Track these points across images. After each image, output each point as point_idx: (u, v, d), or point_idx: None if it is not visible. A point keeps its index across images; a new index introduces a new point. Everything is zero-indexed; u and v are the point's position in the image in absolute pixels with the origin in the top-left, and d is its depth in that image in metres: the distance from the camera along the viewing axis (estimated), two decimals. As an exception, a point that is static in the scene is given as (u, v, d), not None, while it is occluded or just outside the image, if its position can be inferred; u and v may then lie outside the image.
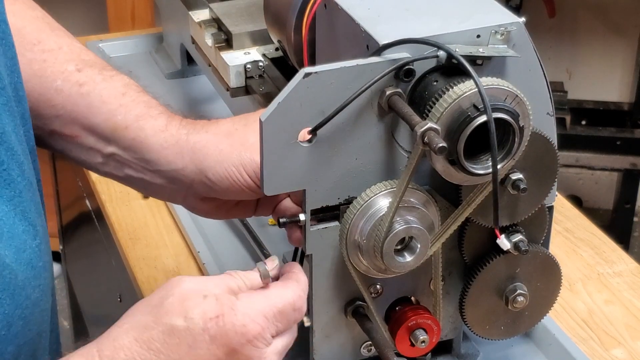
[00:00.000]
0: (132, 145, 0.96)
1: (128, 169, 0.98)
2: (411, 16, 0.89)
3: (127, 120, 0.96)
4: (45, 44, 0.98)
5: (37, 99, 0.96)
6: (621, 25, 2.82)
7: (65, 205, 1.88)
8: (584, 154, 2.65)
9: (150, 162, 0.96)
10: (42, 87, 0.96)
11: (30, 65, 0.96)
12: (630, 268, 1.25)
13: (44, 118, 0.97)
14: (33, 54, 0.97)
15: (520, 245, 0.93)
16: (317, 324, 0.94)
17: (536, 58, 0.89)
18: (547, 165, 0.92)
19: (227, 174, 0.93)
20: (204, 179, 0.94)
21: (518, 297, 0.96)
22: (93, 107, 0.96)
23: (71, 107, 0.96)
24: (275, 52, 1.28)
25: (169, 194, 0.99)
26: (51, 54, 0.97)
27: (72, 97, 0.96)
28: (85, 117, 0.96)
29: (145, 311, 0.76)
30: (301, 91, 0.82)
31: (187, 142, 0.95)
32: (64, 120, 0.97)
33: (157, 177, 0.97)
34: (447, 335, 1.00)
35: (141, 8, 2.35)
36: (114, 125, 0.96)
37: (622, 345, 1.12)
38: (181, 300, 0.75)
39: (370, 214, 0.87)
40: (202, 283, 0.78)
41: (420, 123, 0.80)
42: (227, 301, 0.76)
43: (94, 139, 0.97)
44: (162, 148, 0.95)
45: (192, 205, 0.99)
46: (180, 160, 0.95)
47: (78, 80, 0.97)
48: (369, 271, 0.90)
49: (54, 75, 0.97)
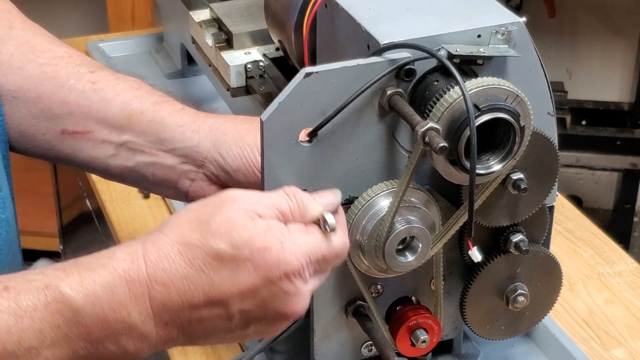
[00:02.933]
0: (148, 127, 0.98)
1: (140, 155, 0.99)
2: (412, 16, 0.89)
3: (144, 106, 0.98)
4: (56, 52, 1.01)
5: (49, 99, 0.98)
6: (621, 25, 2.82)
7: (66, 205, 1.88)
8: (584, 154, 2.64)
9: (165, 140, 0.98)
10: (55, 87, 0.98)
11: (42, 69, 0.99)
12: (630, 268, 1.25)
13: (56, 118, 0.99)
14: (45, 60, 0.99)
15: (520, 245, 0.94)
16: (317, 324, 0.94)
17: (537, 58, 0.89)
18: (547, 165, 0.92)
19: (241, 152, 0.95)
20: (217, 157, 0.96)
21: (519, 297, 0.96)
22: (107, 99, 0.99)
23: (84, 102, 0.98)
24: (276, 52, 1.28)
25: (176, 181, 0.99)
26: (62, 59, 1.00)
27: (86, 92, 0.99)
28: (99, 110, 0.98)
29: (192, 226, 0.74)
30: (302, 91, 0.82)
31: (204, 122, 0.98)
32: (77, 117, 0.98)
33: (169, 157, 0.98)
34: (447, 335, 1.00)
35: (141, 8, 2.35)
36: (129, 112, 0.98)
37: (623, 345, 1.12)
38: (229, 223, 0.74)
39: (371, 214, 0.87)
40: (254, 202, 0.76)
41: (421, 123, 0.80)
42: (276, 232, 0.75)
43: (108, 130, 0.99)
44: (178, 126, 0.98)
45: (199, 192, 0.99)
46: (197, 136, 0.97)
47: (91, 79, 1.00)
48: (369, 271, 0.90)
49: (67, 76, 0.99)
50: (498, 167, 0.86)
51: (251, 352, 0.98)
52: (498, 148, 0.85)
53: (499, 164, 0.85)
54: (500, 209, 0.92)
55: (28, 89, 0.98)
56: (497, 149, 0.85)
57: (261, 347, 0.98)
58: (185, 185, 1.00)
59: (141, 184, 1.03)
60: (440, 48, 0.85)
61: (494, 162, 0.86)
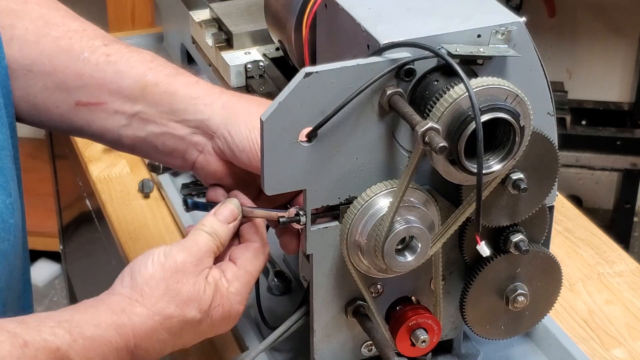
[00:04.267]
0: (161, 99, 0.99)
1: (151, 125, 1.00)
2: (412, 16, 0.89)
3: (158, 78, 1.00)
4: (70, 26, 1.02)
5: (63, 72, 1.00)
6: (621, 25, 2.82)
7: (66, 205, 1.88)
8: (584, 154, 2.65)
9: (177, 111, 0.99)
10: (70, 59, 1.00)
11: (56, 42, 1.00)
12: (630, 268, 1.25)
13: (70, 90, 1.00)
14: (59, 33, 1.01)
15: (520, 245, 0.93)
16: (317, 324, 0.94)
17: (537, 58, 0.89)
18: (547, 165, 0.92)
19: (249, 134, 0.96)
20: (225, 134, 0.97)
21: (518, 297, 0.96)
22: (121, 71, 1.00)
23: (99, 75, 1.00)
24: (276, 51, 1.28)
25: (185, 151, 1.00)
26: (77, 33, 1.02)
27: (100, 65, 1.00)
28: (112, 82, 1.00)
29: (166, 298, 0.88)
30: (302, 91, 0.82)
31: (218, 97, 0.99)
32: (91, 89, 1.00)
33: (180, 127, 0.99)
34: (447, 335, 1.00)
35: (141, 8, 2.35)
36: (143, 84, 0.99)
37: (623, 345, 1.12)
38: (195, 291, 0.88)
39: (370, 214, 0.87)
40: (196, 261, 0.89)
41: (421, 123, 0.80)
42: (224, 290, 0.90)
43: (121, 101, 1.00)
44: (191, 98, 0.99)
45: (204, 164, 1.00)
46: (209, 110, 0.98)
47: (105, 52, 1.01)
48: (369, 271, 0.90)
49: (82, 49, 1.00)
50: (498, 166, 0.86)
51: (252, 352, 0.98)
52: (498, 148, 0.85)
53: (499, 163, 0.85)
54: (500, 208, 0.92)
55: (43, 62, 0.99)
56: (497, 149, 0.85)
57: (262, 348, 0.98)
58: (193, 156, 1.00)
59: (151, 155, 1.04)
60: (440, 48, 0.85)
61: (494, 161, 0.86)
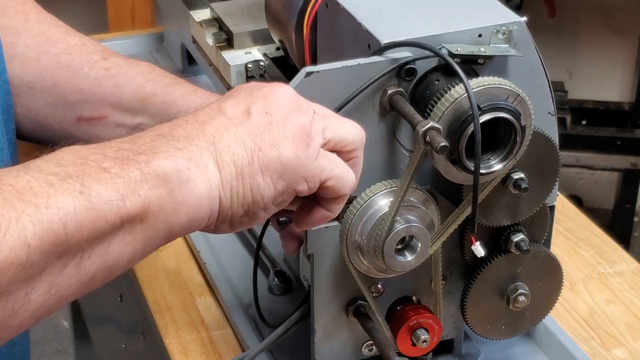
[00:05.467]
0: (161, 110, 1.00)
1: None
2: (412, 15, 0.89)
3: (156, 89, 1.01)
4: (69, 42, 1.04)
5: (64, 88, 1.01)
6: (621, 25, 2.82)
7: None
8: (584, 154, 2.65)
9: None
10: (70, 75, 1.01)
11: (57, 58, 1.02)
12: (631, 268, 1.25)
13: (72, 106, 1.01)
14: (59, 50, 1.02)
15: (521, 244, 0.93)
16: (318, 324, 0.94)
17: (538, 57, 0.89)
18: (548, 165, 0.92)
19: None
20: None
21: (519, 297, 0.96)
22: (120, 84, 1.01)
23: (98, 89, 1.01)
24: (277, 51, 1.28)
25: None
26: (76, 48, 1.03)
27: (99, 79, 1.01)
28: (113, 95, 1.01)
29: None
30: (303, 90, 0.82)
31: None
32: (92, 103, 1.01)
33: None
34: (448, 334, 1.00)
35: (141, 8, 2.35)
36: (142, 95, 1.01)
37: (623, 345, 1.12)
38: None
39: (370, 214, 0.87)
40: None
41: (422, 122, 0.80)
42: None
43: (122, 114, 1.01)
44: (190, 108, 0.99)
45: None
46: None
47: (104, 66, 1.02)
48: (369, 271, 0.90)
49: (81, 64, 1.02)
50: (499, 166, 0.86)
51: (252, 352, 0.98)
52: (499, 147, 0.85)
53: (500, 163, 0.85)
54: (501, 208, 0.92)
55: (44, 78, 1.01)
56: (497, 149, 0.85)
57: (262, 347, 0.98)
58: None
59: None
60: (441, 47, 0.85)
61: (495, 161, 0.86)
